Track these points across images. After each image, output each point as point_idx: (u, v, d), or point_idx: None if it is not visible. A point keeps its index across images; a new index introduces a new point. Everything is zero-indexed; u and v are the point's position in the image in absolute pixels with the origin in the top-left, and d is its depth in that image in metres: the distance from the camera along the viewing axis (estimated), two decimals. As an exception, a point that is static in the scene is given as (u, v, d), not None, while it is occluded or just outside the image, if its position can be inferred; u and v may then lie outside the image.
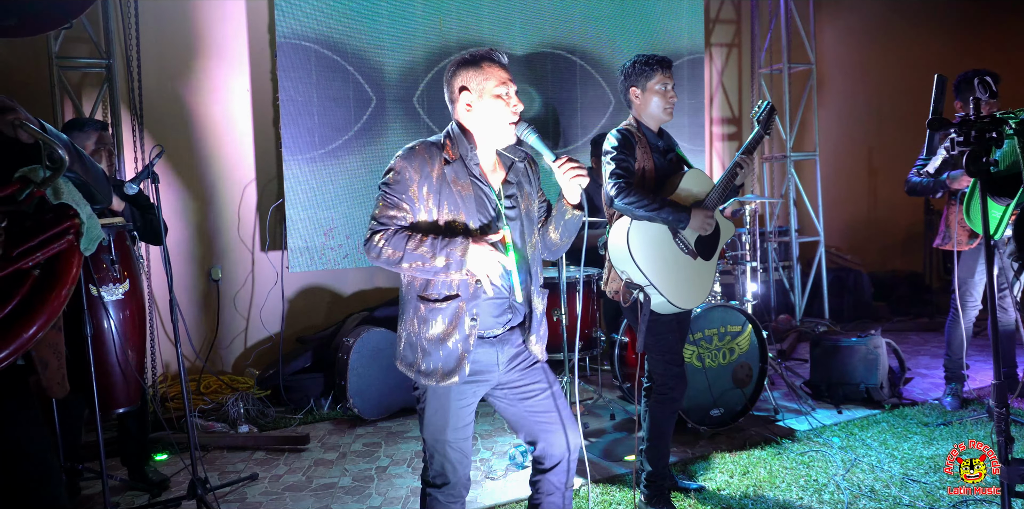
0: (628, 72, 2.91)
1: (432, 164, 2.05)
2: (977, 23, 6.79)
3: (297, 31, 4.66)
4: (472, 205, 2.07)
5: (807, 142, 6.93)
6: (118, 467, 3.47)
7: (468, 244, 1.97)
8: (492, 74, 2.08)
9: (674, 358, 2.91)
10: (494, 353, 2.13)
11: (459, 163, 2.08)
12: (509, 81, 2.10)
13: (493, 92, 2.07)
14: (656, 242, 2.80)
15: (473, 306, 2.06)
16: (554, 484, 2.22)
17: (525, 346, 2.21)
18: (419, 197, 2.05)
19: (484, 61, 2.10)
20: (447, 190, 2.05)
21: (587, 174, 2.05)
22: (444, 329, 2.05)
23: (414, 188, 2.05)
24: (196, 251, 4.83)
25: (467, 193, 2.07)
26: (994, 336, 2.01)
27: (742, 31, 7.02)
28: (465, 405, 2.11)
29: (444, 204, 2.05)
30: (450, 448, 2.11)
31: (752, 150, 2.93)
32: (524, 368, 2.20)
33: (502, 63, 2.12)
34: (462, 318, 2.05)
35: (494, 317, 2.12)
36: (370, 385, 4.23)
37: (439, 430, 2.10)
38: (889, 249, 7.43)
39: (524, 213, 2.16)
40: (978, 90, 2.33)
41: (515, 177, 2.19)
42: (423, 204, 2.06)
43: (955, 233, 3.87)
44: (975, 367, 4.77)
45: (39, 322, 1.57)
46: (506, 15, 5.41)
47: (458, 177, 2.07)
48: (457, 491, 2.15)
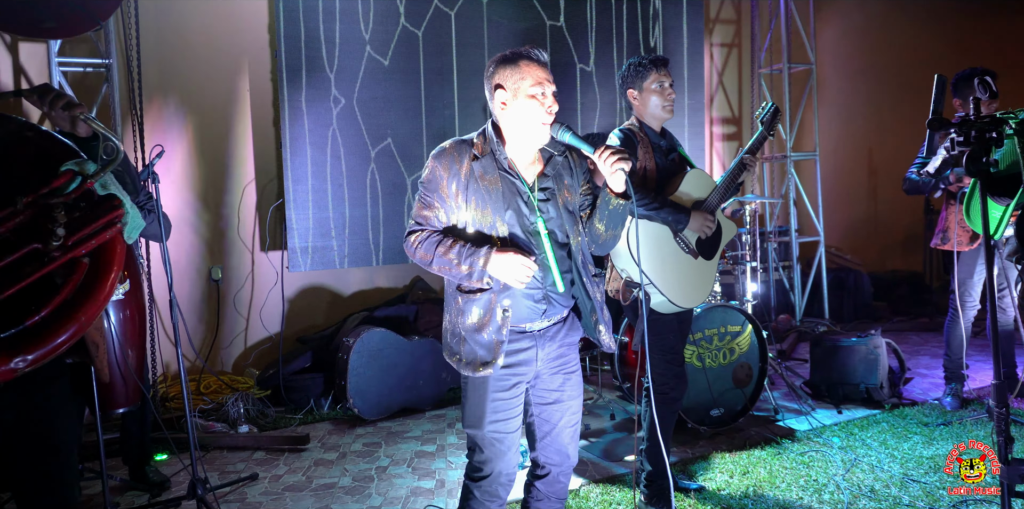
0: (624, 76, 2.93)
1: (461, 161, 2.10)
2: (977, 23, 6.79)
3: (297, 31, 4.66)
4: (500, 199, 2.08)
5: (807, 142, 6.93)
6: (118, 467, 3.47)
7: (491, 254, 2.01)
8: (528, 73, 2.08)
9: (674, 358, 2.92)
10: (533, 348, 2.14)
11: (488, 158, 2.11)
12: (546, 81, 2.09)
13: (528, 92, 2.07)
14: (657, 241, 2.80)
15: (504, 297, 2.08)
16: (543, 492, 2.26)
17: (596, 337, 2.22)
18: (449, 194, 2.10)
19: (522, 59, 2.09)
20: (475, 185, 2.08)
21: (630, 161, 2.03)
22: (479, 320, 2.09)
23: (443, 185, 2.09)
24: (196, 251, 4.82)
25: (495, 187, 2.09)
26: (994, 336, 2.01)
27: (742, 31, 7.02)
28: (505, 397, 2.12)
29: (473, 199, 2.08)
30: (488, 440, 2.12)
31: (755, 150, 2.93)
32: (561, 374, 2.20)
33: (540, 62, 2.11)
34: (494, 309, 2.07)
35: (529, 309, 2.12)
36: (370, 385, 4.23)
37: (477, 421, 2.12)
38: (889, 249, 7.42)
39: (563, 205, 2.15)
40: (978, 90, 2.32)
41: (552, 170, 2.18)
42: (453, 201, 2.10)
43: (954, 233, 3.87)
44: (975, 367, 4.77)
45: (93, 308, 1.63)
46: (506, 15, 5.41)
47: (486, 172, 2.09)
48: (494, 488, 2.16)
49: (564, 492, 2.30)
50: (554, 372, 2.19)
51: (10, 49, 4.41)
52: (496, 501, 2.17)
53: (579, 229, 2.20)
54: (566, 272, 2.16)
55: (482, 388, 2.11)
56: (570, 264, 2.17)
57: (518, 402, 2.15)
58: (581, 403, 2.25)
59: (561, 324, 2.20)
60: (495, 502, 2.17)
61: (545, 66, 2.11)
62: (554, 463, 2.22)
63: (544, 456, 2.22)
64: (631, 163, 2.03)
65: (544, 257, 2.12)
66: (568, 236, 2.16)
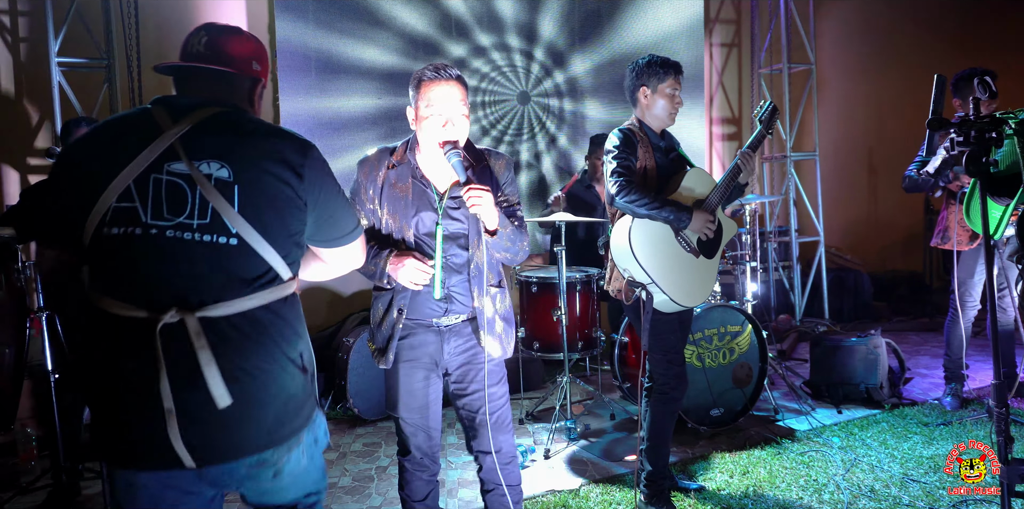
0: (641, 70, 2.88)
1: (379, 169, 2.23)
2: (977, 23, 6.79)
3: (297, 31, 4.66)
4: (409, 205, 2.21)
5: (807, 142, 6.93)
6: (118, 467, 3.47)
7: (389, 257, 2.16)
8: (427, 95, 2.15)
9: (675, 358, 2.91)
10: (438, 341, 2.27)
11: (404, 166, 2.23)
12: (445, 102, 2.14)
13: (424, 113, 2.16)
14: (658, 240, 2.80)
15: (402, 297, 2.22)
16: (490, 481, 2.39)
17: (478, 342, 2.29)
18: (368, 199, 2.25)
19: (424, 80, 2.17)
20: (388, 191, 2.22)
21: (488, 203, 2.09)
22: (381, 315, 2.26)
23: (363, 191, 2.25)
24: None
25: (406, 194, 2.21)
26: (994, 336, 2.01)
27: (742, 31, 7.02)
28: (414, 387, 2.26)
29: (385, 205, 2.22)
30: (401, 423, 2.30)
31: (755, 149, 2.93)
32: (471, 364, 2.30)
33: (446, 80, 2.15)
34: (392, 307, 2.23)
35: (429, 307, 2.24)
36: (370, 385, 4.23)
37: (392, 406, 2.30)
38: (889, 249, 7.43)
39: (472, 214, 2.20)
40: (977, 90, 2.33)
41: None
42: (373, 205, 2.25)
43: (954, 233, 3.87)
44: (975, 367, 4.77)
45: None
46: (503, 16, 5.42)
47: (399, 179, 2.22)
48: (419, 462, 2.32)
49: (514, 478, 2.38)
50: (465, 364, 2.30)
51: (10, 49, 4.41)
52: (425, 472, 2.33)
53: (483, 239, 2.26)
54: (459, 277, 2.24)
55: (394, 378, 2.28)
56: (468, 270, 2.25)
57: (423, 391, 2.27)
58: (504, 392, 2.35)
59: (469, 321, 2.30)
60: (425, 472, 2.33)
61: (452, 84, 2.15)
62: (486, 451, 2.32)
63: (477, 446, 2.35)
64: (483, 208, 2.08)
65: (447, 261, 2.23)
66: (470, 244, 2.24)
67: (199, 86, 1.59)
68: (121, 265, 1.44)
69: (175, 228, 1.44)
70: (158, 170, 1.45)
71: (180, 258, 1.43)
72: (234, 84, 1.62)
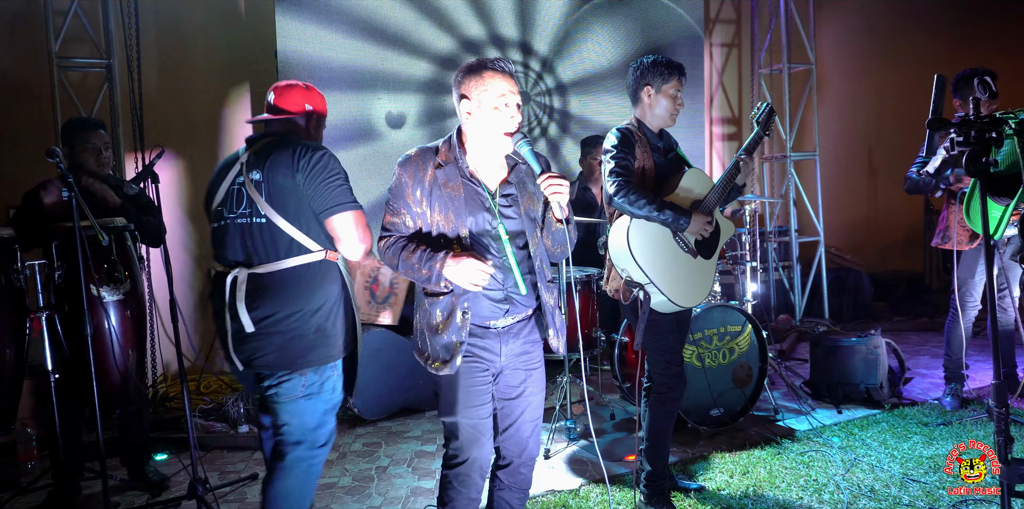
0: (646, 69, 2.88)
1: (425, 169, 2.16)
2: (977, 23, 6.80)
3: (297, 30, 4.66)
4: (463, 205, 2.15)
5: (807, 142, 6.93)
6: (118, 467, 3.47)
7: (447, 259, 2.08)
8: (492, 84, 2.12)
9: (674, 358, 2.91)
10: (497, 344, 2.21)
11: (452, 166, 2.16)
12: (509, 92, 2.13)
13: (492, 103, 2.12)
14: (656, 240, 2.79)
15: (464, 300, 2.15)
16: (505, 481, 2.34)
17: (544, 340, 2.30)
18: (414, 201, 2.17)
19: (486, 70, 2.14)
20: (438, 192, 2.15)
21: (567, 191, 2.08)
22: (441, 321, 2.17)
23: (408, 193, 2.17)
24: (196, 251, 4.82)
25: (458, 194, 2.15)
26: (994, 336, 2.01)
27: (742, 31, 7.02)
28: (475, 385, 2.18)
29: (436, 205, 2.15)
30: (462, 427, 2.18)
31: (752, 150, 2.93)
32: (523, 370, 2.27)
33: (504, 71, 2.15)
34: (455, 311, 2.15)
35: (491, 309, 2.19)
36: (370, 385, 4.23)
37: (451, 409, 2.19)
38: (889, 249, 7.43)
39: (524, 212, 2.21)
40: (977, 90, 2.33)
41: (516, 177, 2.23)
42: (418, 207, 2.17)
43: (955, 233, 3.87)
44: (975, 367, 4.77)
45: None
46: (500, 14, 5.42)
47: (449, 179, 2.15)
48: (470, 475, 2.21)
49: (527, 482, 2.37)
50: (517, 368, 2.26)
51: (10, 49, 4.41)
52: (473, 488, 2.23)
53: (539, 236, 2.26)
54: (527, 274, 2.22)
55: (454, 379, 2.19)
56: (530, 266, 2.23)
57: (487, 391, 2.21)
58: (543, 399, 2.33)
59: (525, 321, 2.27)
60: (472, 488, 2.23)
61: (509, 75, 2.15)
62: (514, 454, 2.30)
63: (505, 448, 2.31)
64: (566, 196, 2.07)
65: (505, 260, 2.18)
66: (528, 241, 2.23)
67: (267, 126, 2.47)
68: (219, 244, 2.37)
69: (238, 217, 2.32)
70: (231, 183, 2.35)
71: (243, 236, 2.31)
72: (291, 121, 2.47)
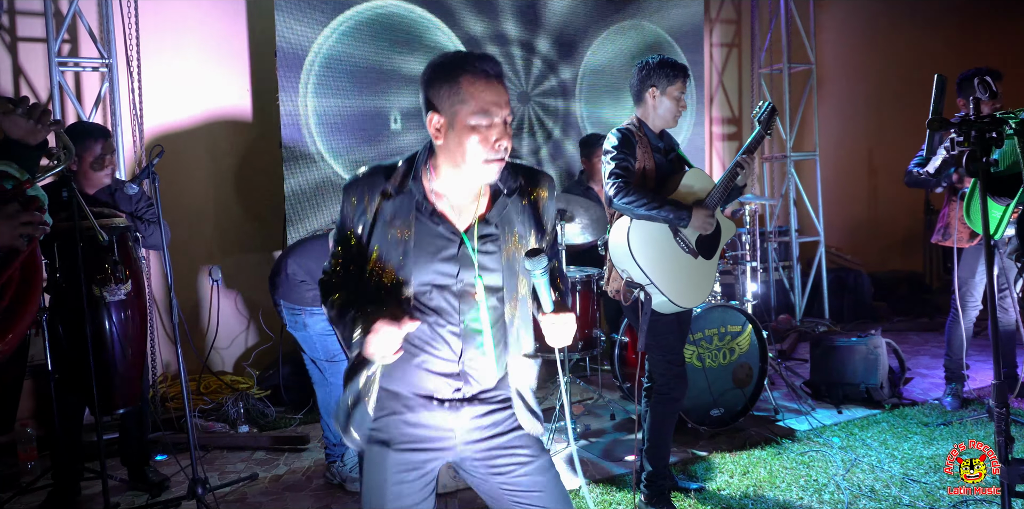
0: (652, 70, 2.86)
1: (372, 197, 1.60)
2: (977, 23, 6.80)
3: (297, 30, 4.66)
4: (409, 253, 1.57)
5: (807, 142, 6.93)
6: (118, 467, 3.47)
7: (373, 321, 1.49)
8: (471, 94, 1.52)
9: (674, 358, 2.91)
10: (446, 416, 1.65)
11: (405, 197, 1.59)
12: (494, 105, 1.53)
13: (469, 120, 1.52)
14: (657, 241, 2.79)
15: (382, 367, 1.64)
16: None
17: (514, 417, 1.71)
18: (355, 236, 1.64)
19: (463, 74, 1.52)
20: (380, 231, 1.59)
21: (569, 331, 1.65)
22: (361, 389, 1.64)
23: (351, 226, 1.64)
24: (196, 251, 4.82)
25: (405, 237, 1.57)
26: (994, 336, 2.01)
27: (742, 31, 7.02)
28: (406, 479, 1.63)
29: (376, 247, 1.60)
30: None
31: (753, 150, 2.93)
32: (499, 435, 1.69)
33: (489, 75, 1.54)
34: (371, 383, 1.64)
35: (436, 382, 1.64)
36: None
37: (377, 506, 1.63)
38: (889, 249, 7.43)
39: (506, 260, 1.63)
40: (978, 90, 2.32)
41: (498, 212, 1.63)
42: (362, 244, 1.63)
43: (955, 230, 3.87)
44: (975, 367, 4.76)
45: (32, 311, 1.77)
46: (499, 11, 5.41)
47: (396, 216, 1.58)
48: None
49: None
50: (493, 437, 1.68)
51: (9, 49, 4.41)
52: None
53: (523, 292, 1.68)
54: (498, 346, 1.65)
55: (380, 466, 1.63)
56: (503, 336, 1.66)
57: (424, 483, 1.65)
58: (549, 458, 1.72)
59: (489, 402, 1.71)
60: None
61: (495, 81, 1.54)
62: None
63: None
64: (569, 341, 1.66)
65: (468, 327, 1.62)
66: (503, 302, 1.64)
67: None
68: None
69: None
70: None
71: None
72: None
